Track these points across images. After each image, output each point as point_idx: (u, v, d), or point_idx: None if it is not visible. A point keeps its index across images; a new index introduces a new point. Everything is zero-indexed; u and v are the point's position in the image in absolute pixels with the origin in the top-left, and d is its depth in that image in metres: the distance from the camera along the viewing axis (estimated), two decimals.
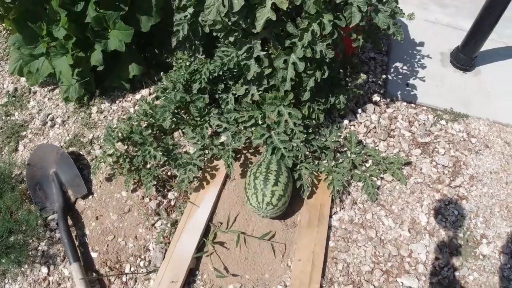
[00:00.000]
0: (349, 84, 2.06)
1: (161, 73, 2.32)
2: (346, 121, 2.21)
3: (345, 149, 2.10)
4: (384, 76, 2.46)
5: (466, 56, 2.44)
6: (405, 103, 2.35)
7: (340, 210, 1.92)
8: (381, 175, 2.01)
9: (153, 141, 1.90)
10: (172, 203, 1.98)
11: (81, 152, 2.22)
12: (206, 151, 1.99)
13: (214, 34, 1.79)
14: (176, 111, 2.06)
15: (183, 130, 1.99)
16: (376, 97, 2.33)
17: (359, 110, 2.26)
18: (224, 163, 1.87)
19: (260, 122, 1.88)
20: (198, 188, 1.94)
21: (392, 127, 2.24)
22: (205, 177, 1.98)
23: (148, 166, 2.08)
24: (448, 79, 2.48)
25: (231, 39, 1.76)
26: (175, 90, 2.08)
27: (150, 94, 2.40)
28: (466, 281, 1.74)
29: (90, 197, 2.06)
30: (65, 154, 2.10)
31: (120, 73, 2.35)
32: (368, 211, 1.92)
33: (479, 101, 2.37)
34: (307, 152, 1.92)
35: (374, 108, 2.28)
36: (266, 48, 1.78)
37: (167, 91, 2.17)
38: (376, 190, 1.94)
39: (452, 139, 2.21)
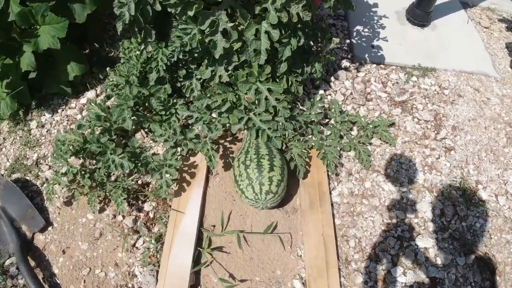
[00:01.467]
0: (321, 51, 1.88)
1: (107, 68, 1.95)
2: (321, 91, 2.03)
3: (326, 120, 1.93)
4: (348, 41, 2.32)
5: (423, 12, 2.38)
6: (374, 65, 2.23)
7: (338, 185, 1.75)
8: (369, 141, 1.87)
9: (116, 148, 1.56)
10: (151, 215, 1.66)
11: (27, 177, 1.80)
12: (179, 148, 1.70)
13: (169, 10, 1.49)
14: (134, 108, 1.72)
15: (150, 128, 1.67)
16: (345, 63, 2.19)
17: (332, 78, 2.10)
18: (205, 157, 1.59)
19: (236, 104, 1.63)
20: (178, 192, 1.65)
21: (368, 90, 2.11)
22: (183, 177, 1.69)
23: (113, 178, 1.74)
24: (409, 36, 2.41)
25: (190, 13, 1.46)
26: (130, 84, 1.74)
27: (97, 95, 2.02)
28: (474, 229, 1.67)
29: (50, 228, 1.68)
30: (9, 183, 1.68)
31: (58, 76, 1.95)
32: (366, 179, 1.78)
33: (442, 53, 2.33)
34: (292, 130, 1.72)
35: (346, 74, 2.13)
36: (233, 19, 1.52)
37: (118, 88, 1.82)
38: (368, 156, 1.79)
39: (427, 93, 2.13)
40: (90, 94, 2.02)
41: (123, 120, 1.62)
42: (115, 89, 1.84)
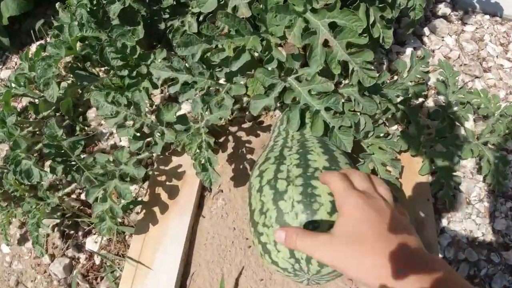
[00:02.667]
0: None
1: (57, 4, 1.11)
2: (409, 49, 1.10)
3: (420, 100, 1.01)
4: None
5: None
6: (487, 17, 1.26)
7: (448, 223, 0.85)
8: (504, 142, 0.94)
9: (19, 140, 0.73)
10: (97, 260, 0.84)
11: None
12: (151, 139, 0.84)
13: None
14: (76, 64, 0.88)
15: (94, 100, 0.81)
16: (443, 9, 1.22)
17: (425, 31, 1.16)
18: (193, 163, 0.73)
19: (264, 58, 0.74)
20: (144, 223, 0.80)
21: (482, 54, 1.16)
22: (156, 195, 0.84)
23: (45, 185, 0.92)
24: None
25: None
26: (72, 24, 0.89)
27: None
28: None
29: None
30: None
31: None
32: (495, 214, 0.87)
33: None
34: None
35: (448, 27, 1.18)
36: None
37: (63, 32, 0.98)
38: (504, 170, 0.88)
39: None
40: (36, 46, 1.20)
41: (45, 83, 0.78)
42: (59, 35, 1.00)
